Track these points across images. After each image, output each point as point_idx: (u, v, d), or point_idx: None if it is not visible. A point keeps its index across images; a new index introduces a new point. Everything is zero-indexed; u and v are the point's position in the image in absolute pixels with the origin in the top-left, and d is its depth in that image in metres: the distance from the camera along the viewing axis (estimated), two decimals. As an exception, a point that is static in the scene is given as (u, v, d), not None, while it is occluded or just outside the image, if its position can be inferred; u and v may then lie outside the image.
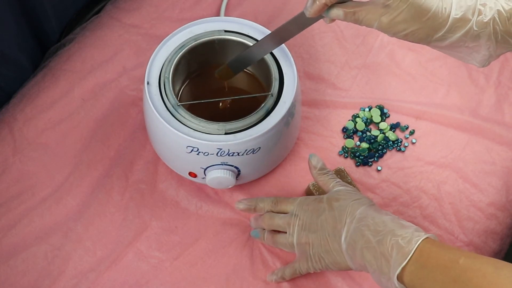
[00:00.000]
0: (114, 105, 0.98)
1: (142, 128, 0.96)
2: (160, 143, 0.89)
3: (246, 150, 0.83)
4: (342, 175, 0.91)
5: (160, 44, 0.89)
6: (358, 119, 0.98)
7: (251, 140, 0.83)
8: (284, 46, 0.89)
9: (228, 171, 0.85)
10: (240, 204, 0.87)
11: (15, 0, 0.94)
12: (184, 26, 0.90)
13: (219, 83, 0.95)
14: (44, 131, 0.96)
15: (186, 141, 0.82)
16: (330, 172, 0.85)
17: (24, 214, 0.90)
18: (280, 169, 0.94)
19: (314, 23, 0.78)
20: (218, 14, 1.06)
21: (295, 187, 0.93)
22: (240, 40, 0.89)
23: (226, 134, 0.83)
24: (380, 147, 0.96)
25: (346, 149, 0.96)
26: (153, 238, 0.89)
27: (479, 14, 0.70)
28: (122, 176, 0.93)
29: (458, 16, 0.70)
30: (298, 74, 0.89)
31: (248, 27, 0.90)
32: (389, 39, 1.04)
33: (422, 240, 0.70)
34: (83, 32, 1.05)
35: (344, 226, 0.77)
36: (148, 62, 0.87)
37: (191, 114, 0.83)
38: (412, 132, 0.98)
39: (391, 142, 0.97)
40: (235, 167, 0.85)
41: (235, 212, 0.91)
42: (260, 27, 0.90)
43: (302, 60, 1.03)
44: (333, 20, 0.75)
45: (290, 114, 0.86)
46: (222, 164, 0.84)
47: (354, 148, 0.96)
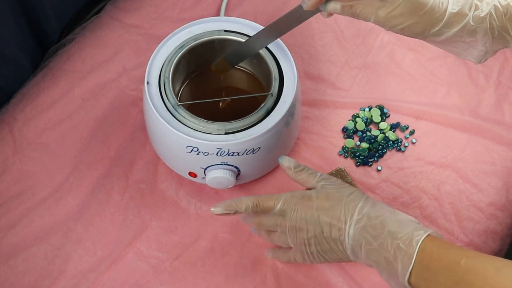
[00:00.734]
0: (114, 105, 0.98)
1: (142, 128, 0.96)
2: (160, 143, 0.89)
3: (246, 150, 0.83)
4: (342, 175, 0.91)
5: (160, 44, 0.89)
6: (358, 119, 0.98)
7: (251, 140, 0.83)
8: (284, 46, 0.89)
9: (228, 171, 0.85)
10: (216, 209, 0.79)
11: (15, 0, 0.94)
12: (184, 26, 0.90)
13: (219, 83, 0.95)
14: (44, 131, 0.96)
15: (186, 141, 0.82)
16: (306, 167, 0.81)
17: (24, 214, 0.90)
18: (280, 169, 0.94)
19: (311, 17, 0.78)
20: (218, 14, 1.06)
21: (295, 187, 0.93)
22: (240, 40, 0.89)
23: (226, 134, 0.83)
24: (380, 147, 0.96)
25: (346, 149, 0.96)
26: (153, 238, 0.89)
27: (476, 9, 0.70)
28: (122, 176, 0.93)
29: (455, 10, 0.70)
30: (298, 74, 0.89)
31: (248, 27, 0.90)
32: (389, 39, 1.04)
33: (423, 240, 0.69)
34: (83, 32, 1.05)
35: (344, 227, 0.75)
36: (148, 62, 0.87)
37: (191, 114, 0.83)
38: (412, 132, 0.98)
39: (391, 142, 0.97)
40: (235, 167, 0.85)
41: (235, 212, 0.91)
42: (260, 27, 0.90)
43: (302, 60, 1.03)
44: (330, 14, 0.74)
45: (290, 114, 0.86)
46: (222, 164, 0.84)
47: (354, 148, 0.96)
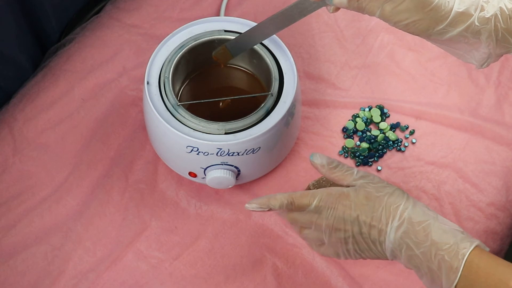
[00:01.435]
0: (114, 105, 0.98)
1: (142, 128, 0.96)
2: (160, 143, 0.89)
3: (246, 150, 0.83)
4: (342, 175, 0.91)
5: (160, 44, 0.89)
6: (358, 119, 0.98)
7: (251, 140, 0.83)
8: (284, 46, 0.89)
9: (228, 171, 0.85)
10: (251, 205, 0.78)
11: (15, 0, 0.94)
12: (184, 26, 0.90)
13: (219, 83, 0.95)
14: (44, 131, 0.96)
15: (186, 141, 0.82)
16: (340, 163, 0.78)
17: (24, 214, 0.90)
18: (280, 169, 0.94)
19: (315, 11, 0.77)
20: (218, 14, 1.06)
21: (295, 187, 0.93)
22: (240, 40, 0.89)
23: (226, 134, 0.83)
24: (380, 147, 0.96)
25: (346, 149, 0.96)
26: (153, 238, 0.89)
27: (482, 10, 0.70)
28: (122, 176, 0.93)
29: (460, 10, 0.70)
30: (298, 74, 0.89)
31: (248, 27, 0.90)
32: (389, 39, 1.04)
33: (469, 253, 0.67)
34: (83, 32, 1.05)
35: (385, 229, 0.72)
36: (148, 62, 0.87)
37: (191, 114, 0.83)
38: (412, 132, 0.98)
39: (391, 142, 0.97)
40: (235, 167, 0.85)
41: (235, 212, 0.91)
42: (260, 27, 0.90)
43: (302, 60, 1.03)
44: (336, 9, 0.74)
45: (290, 114, 0.86)
46: (222, 164, 0.84)
47: (354, 148, 0.96)
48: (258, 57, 0.89)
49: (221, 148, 0.82)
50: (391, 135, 0.97)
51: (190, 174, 0.88)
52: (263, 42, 0.89)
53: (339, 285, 0.87)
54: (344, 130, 0.97)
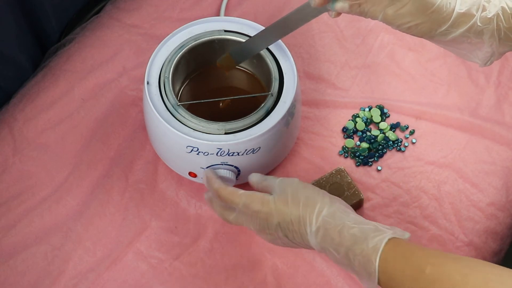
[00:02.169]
0: (114, 105, 0.98)
1: (142, 128, 0.96)
2: (160, 143, 0.89)
3: (246, 150, 0.83)
4: (342, 175, 0.91)
5: (160, 44, 0.89)
6: (358, 119, 0.98)
7: (251, 140, 0.83)
8: (284, 46, 0.89)
9: (228, 171, 0.85)
10: (207, 173, 0.82)
11: (15, 0, 0.94)
12: (184, 26, 0.90)
13: (219, 83, 0.95)
14: (44, 131, 0.96)
15: (186, 141, 0.82)
16: (269, 176, 0.81)
17: (24, 214, 0.90)
18: (280, 169, 0.94)
19: (317, 16, 0.77)
20: (218, 14, 1.06)
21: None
22: (240, 40, 0.89)
23: (226, 134, 0.83)
24: (380, 147, 0.96)
25: (346, 149, 0.96)
26: (153, 238, 0.89)
27: (483, 10, 0.70)
28: (122, 176, 0.93)
29: (462, 10, 0.70)
30: (298, 74, 0.89)
31: (248, 27, 0.90)
32: (389, 39, 1.04)
33: (383, 250, 0.68)
34: (83, 32, 1.05)
35: (305, 234, 0.74)
36: (148, 62, 0.87)
37: (191, 114, 0.84)
38: (412, 132, 0.98)
39: (391, 142, 0.97)
40: (235, 167, 0.85)
41: (235, 212, 0.91)
42: (260, 27, 0.90)
43: (302, 60, 1.03)
44: (338, 14, 0.74)
45: (290, 114, 0.86)
46: (222, 164, 0.84)
47: (354, 148, 0.96)
48: (258, 57, 0.89)
49: (221, 148, 0.82)
50: (391, 135, 0.97)
51: (190, 174, 0.88)
52: (263, 42, 0.89)
53: (339, 285, 0.87)
54: (344, 130, 0.97)
